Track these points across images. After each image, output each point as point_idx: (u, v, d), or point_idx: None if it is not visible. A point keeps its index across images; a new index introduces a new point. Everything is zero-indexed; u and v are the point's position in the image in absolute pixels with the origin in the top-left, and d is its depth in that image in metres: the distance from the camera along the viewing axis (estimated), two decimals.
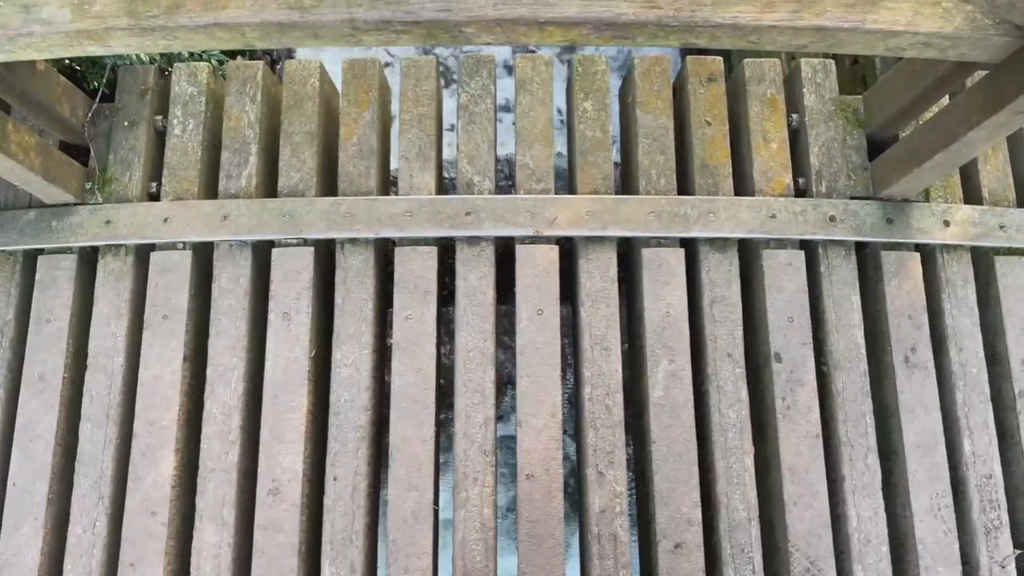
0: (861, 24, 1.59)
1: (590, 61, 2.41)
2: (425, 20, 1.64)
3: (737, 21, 1.60)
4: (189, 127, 2.32)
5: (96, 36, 1.64)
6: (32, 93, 2.07)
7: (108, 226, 2.21)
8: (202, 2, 1.63)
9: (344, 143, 2.34)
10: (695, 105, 2.36)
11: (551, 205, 2.25)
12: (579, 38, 1.71)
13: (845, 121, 2.31)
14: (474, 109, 2.38)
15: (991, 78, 1.73)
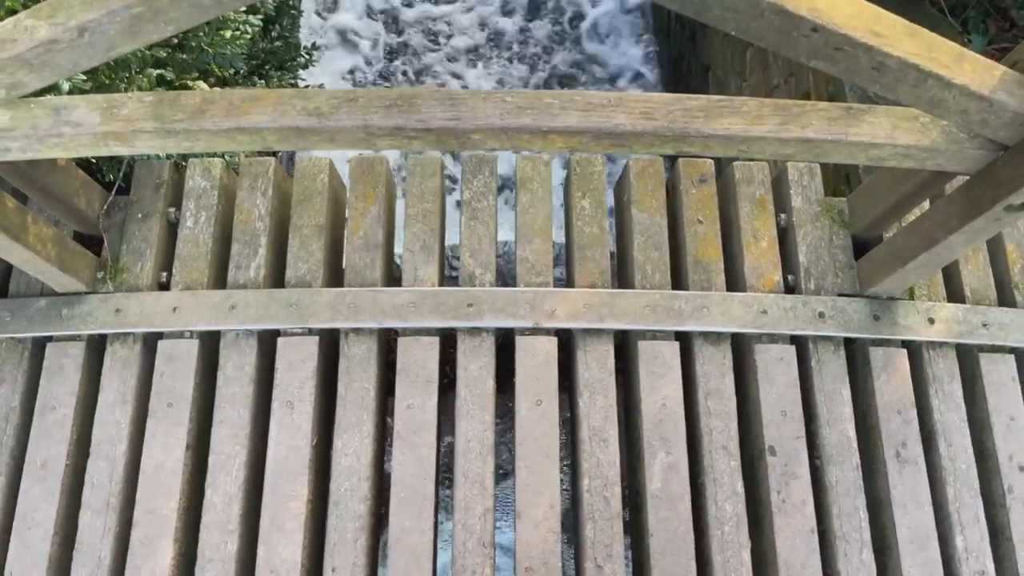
0: (844, 137, 1.70)
1: (587, 162, 2.53)
2: (436, 128, 1.74)
3: (728, 132, 1.71)
4: (201, 219, 2.40)
5: (123, 138, 1.73)
6: (52, 187, 2.15)
7: (118, 315, 2.26)
8: (225, 107, 1.73)
9: (351, 236, 2.43)
10: (687, 204, 2.46)
11: (550, 298, 2.32)
12: (579, 146, 1.81)
13: (831, 221, 2.42)
14: (476, 205, 2.48)
15: (968, 186, 1.83)
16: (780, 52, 1.43)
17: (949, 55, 1.48)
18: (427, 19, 5.84)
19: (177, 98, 1.74)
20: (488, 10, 5.92)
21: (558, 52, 5.76)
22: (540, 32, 5.82)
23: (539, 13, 5.91)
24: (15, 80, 1.50)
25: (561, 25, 5.88)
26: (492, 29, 5.85)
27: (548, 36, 5.80)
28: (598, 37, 5.88)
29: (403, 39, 5.76)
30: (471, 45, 5.77)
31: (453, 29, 5.81)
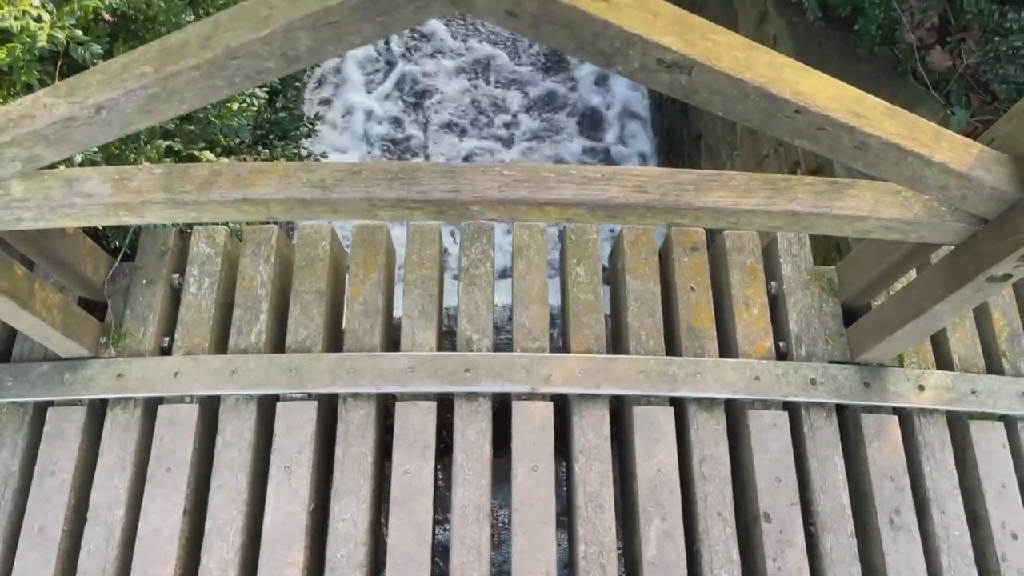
0: (829, 210, 1.76)
1: (582, 230, 2.59)
2: (436, 199, 1.80)
3: (718, 205, 1.77)
4: (204, 285, 2.45)
5: (132, 208, 1.79)
6: (60, 254, 2.20)
7: (119, 379, 2.29)
8: (232, 179, 1.79)
9: (351, 302, 2.47)
10: (680, 272, 2.52)
11: (546, 363, 2.36)
12: (575, 217, 1.87)
13: (820, 290, 2.47)
14: (474, 272, 2.53)
15: (952, 257, 1.89)
16: (766, 132, 1.50)
17: (928, 134, 1.55)
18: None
19: (186, 170, 1.80)
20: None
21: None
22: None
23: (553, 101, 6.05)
24: (32, 154, 1.56)
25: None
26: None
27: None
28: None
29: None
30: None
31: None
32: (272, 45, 1.31)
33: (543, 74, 6.12)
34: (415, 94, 5.94)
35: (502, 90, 6.01)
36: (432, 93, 5.94)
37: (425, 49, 6.10)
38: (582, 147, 5.83)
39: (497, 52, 6.13)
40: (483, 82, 6.04)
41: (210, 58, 1.34)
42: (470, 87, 5.97)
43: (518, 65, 6.10)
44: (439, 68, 6.04)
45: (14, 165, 1.58)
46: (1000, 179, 1.61)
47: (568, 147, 5.85)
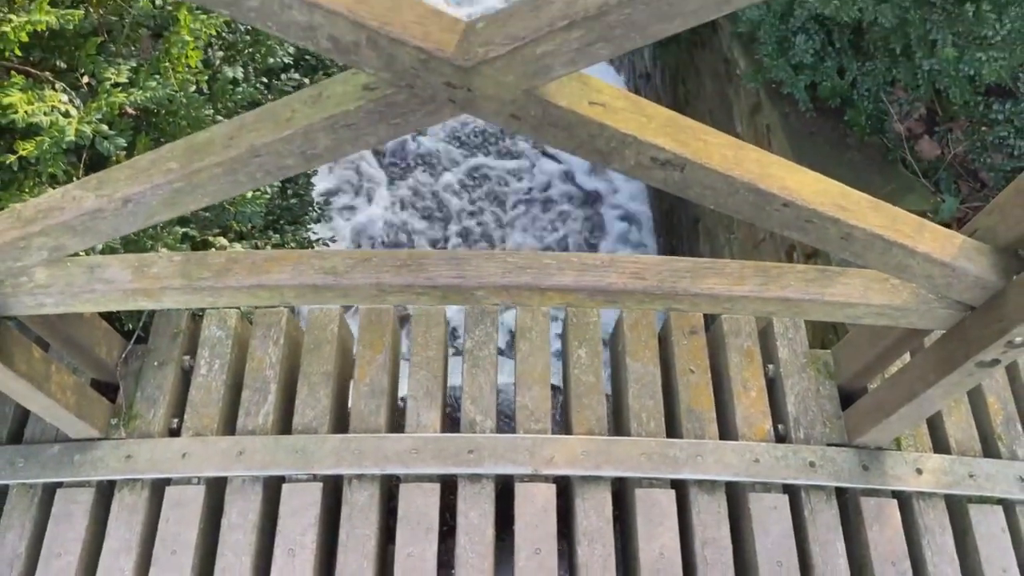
0: (820, 296, 1.83)
1: (583, 312, 2.66)
2: (442, 285, 1.88)
3: (713, 292, 1.84)
4: (215, 367, 2.51)
5: (151, 294, 1.86)
6: (76, 336, 2.27)
7: (128, 461, 2.32)
8: (248, 266, 1.87)
9: (357, 383, 2.52)
10: (679, 355, 2.58)
11: (548, 445, 2.39)
12: (575, 302, 1.94)
13: (817, 372, 2.52)
14: (478, 354, 2.59)
15: (942, 343, 1.95)
16: (756, 223, 1.59)
17: (911, 226, 1.63)
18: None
19: (204, 258, 1.89)
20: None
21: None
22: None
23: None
24: (59, 243, 1.64)
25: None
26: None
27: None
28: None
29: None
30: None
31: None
32: (292, 144, 1.41)
33: (543, 156, 6.31)
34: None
35: (500, 161, 6.20)
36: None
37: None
38: (584, 240, 5.97)
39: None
40: (482, 154, 6.24)
41: (233, 156, 1.43)
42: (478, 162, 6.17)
43: (520, 139, 6.29)
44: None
45: (41, 253, 1.66)
46: (983, 268, 1.69)
47: (571, 226, 5.99)
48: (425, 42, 1.20)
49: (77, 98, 2.23)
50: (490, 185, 6.13)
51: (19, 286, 1.83)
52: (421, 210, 5.94)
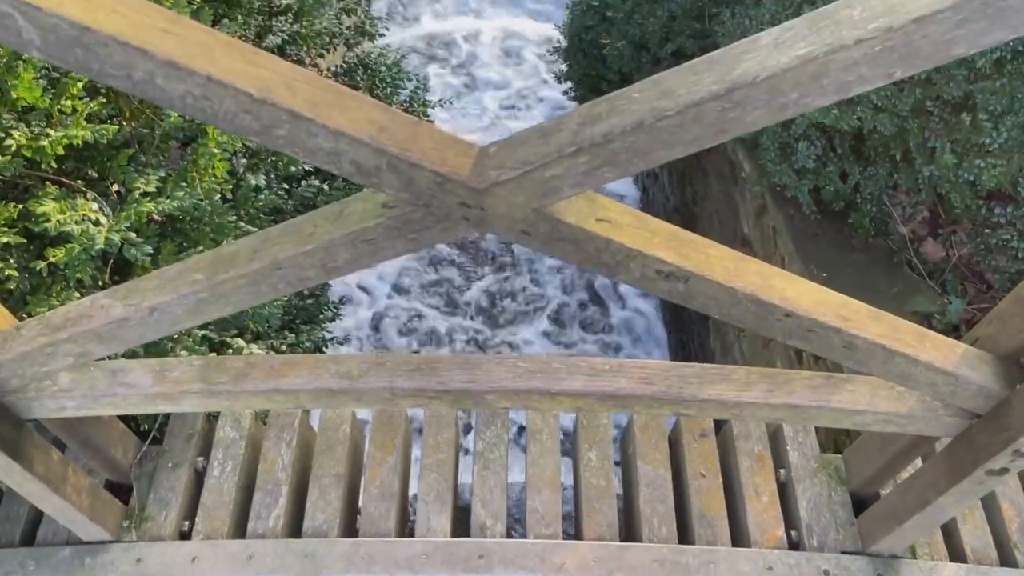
0: (827, 403, 1.85)
1: (593, 415, 2.68)
2: (454, 389, 1.91)
3: (720, 398, 1.87)
4: (227, 469, 2.52)
5: (171, 398, 1.91)
6: (93, 438, 2.30)
7: (139, 564, 2.32)
8: (266, 371, 1.92)
9: (368, 484, 2.53)
10: (690, 458, 2.58)
11: (559, 551, 2.37)
12: (585, 406, 1.97)
13: (828, 478, 2.52)
14: (489, 456, 2.60)
15: (951, 449, 1.96)
16: (760, 333, 1.63)
17: (912, 335, 1.67)
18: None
19: (223, 362, 1.94)
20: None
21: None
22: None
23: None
24: (85, 350, 1.70)
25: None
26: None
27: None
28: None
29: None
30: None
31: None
32: (314, 258, 1.48)
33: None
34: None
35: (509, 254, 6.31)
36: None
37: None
38: (594, 338, 6.02)
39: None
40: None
41: (257, 268, 1.50)
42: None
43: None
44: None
45: (67, 360, 1.72)
46: (986, 377, 1.71)
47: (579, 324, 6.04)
48: (442, 166, 1.28)
49: (107, 206, 2.34)
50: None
51: (42, 390, 1.88)
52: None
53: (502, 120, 7.25)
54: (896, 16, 1.02)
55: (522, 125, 7.03)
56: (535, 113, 7.21)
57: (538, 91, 7.45)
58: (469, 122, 7.13)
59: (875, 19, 1.03)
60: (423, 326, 5.92)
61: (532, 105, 7.26)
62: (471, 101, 7.35)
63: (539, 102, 7.38)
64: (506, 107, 7.28)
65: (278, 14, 3.39)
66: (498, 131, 7.18)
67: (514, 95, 7.45)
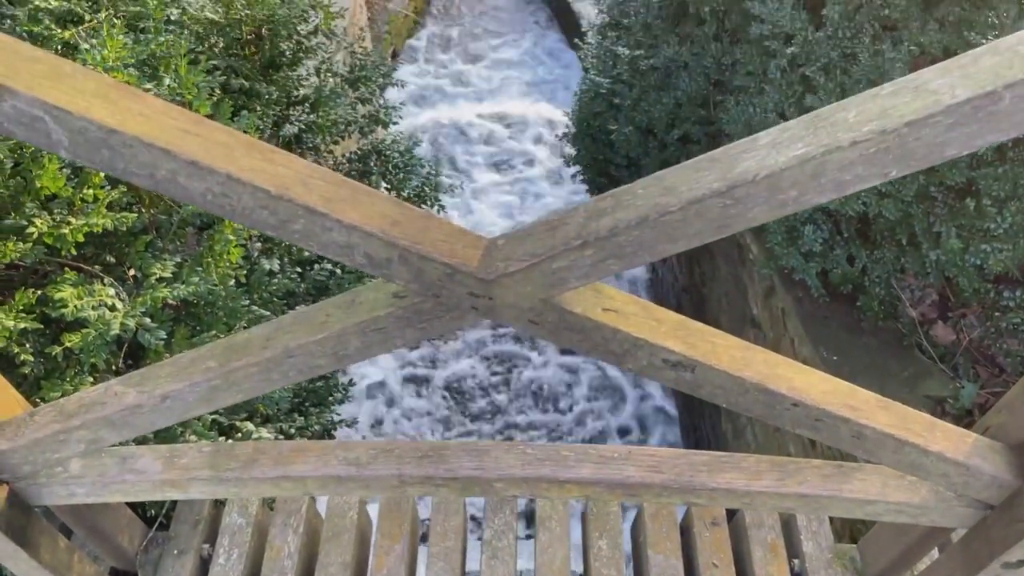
0: (839, 493, 1.84)
1: (603, 503, 2.65)
2: (462, 476, 1.91)
3: (730, 486, 1.85)
4: (233, 556, 2.49)
5: (179, 485, 1.91)
6: (100, 524, 2.29)
7: None
8: (275, 457, 1.92)
9: (374, 572, 2.49)
10: (702, 547, 2.53)
11: None
12: (594, 494, 1.96)
13: (843, 568, 2.46)
14: (497, 544, 2.56)
15: (966, 541, 1.92)
16: (768, 422, 1.63)
17: (922, 424, 1.67)
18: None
19: (232, 448, 1.94)
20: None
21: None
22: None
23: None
24: (97, 437, 1.71)
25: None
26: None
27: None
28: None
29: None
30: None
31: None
32: (326, 346, 1.50)
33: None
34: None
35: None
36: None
37: None
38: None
39: None
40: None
41: (269, 356, 1.52)
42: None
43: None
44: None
45: (79, 446, 1.73)
46: (998, 467, 1.70)
47: (592, 411, 6.01)
48: (451, 258, 1.31)
49: (123, 291, 2.38)
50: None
51: (53, 476, 1.88)
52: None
53: (506, 196, 7.38)
54: (889, 119, 1.06)
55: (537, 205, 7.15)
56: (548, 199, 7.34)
57: (548, 172, 7.60)
58: (486, 204, 7.26)
59: (869, 122, 1.07)
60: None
61: (543, 193, 7.39)
62: (488, 183, 7.50)
63: (556, 184, 7.50)
64: (519, 192, 7.42)
65: (295, 104, 3.50)
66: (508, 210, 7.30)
67: (523, 177, 7.60)
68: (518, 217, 7.11)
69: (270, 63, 3.29)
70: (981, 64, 1.02)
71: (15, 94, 1.07)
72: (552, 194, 7.41)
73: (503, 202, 7.32)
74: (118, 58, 2.28)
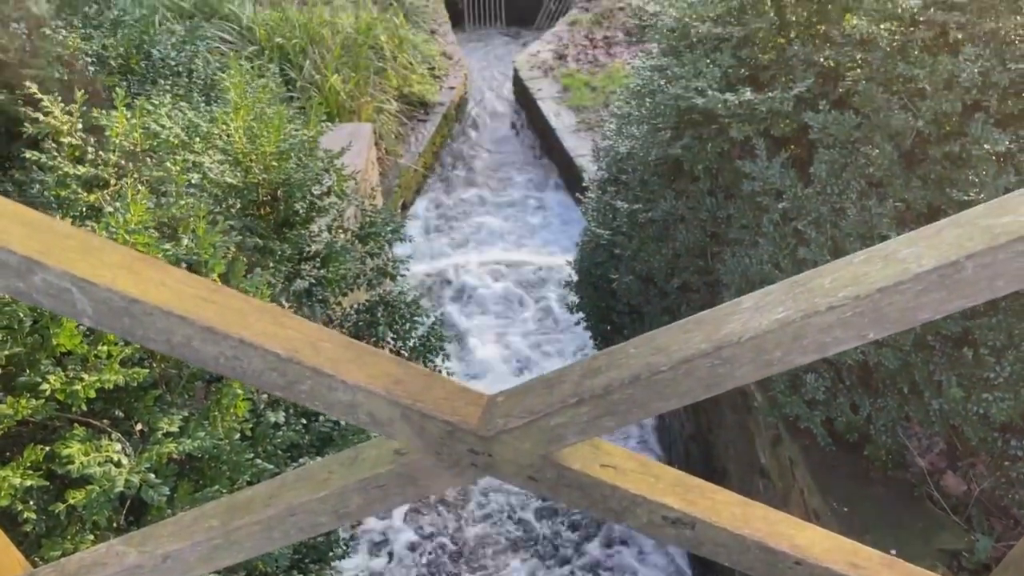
0: None
1: None
2: None
3: None
4: None
5: None
6: None
7: None
8: None
9: None
10: None
11: None
12: None
13: None
14: None
15: None
16: None
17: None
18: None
19: None
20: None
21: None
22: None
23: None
24: None
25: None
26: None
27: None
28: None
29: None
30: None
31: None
32: (327, 504, 1.52)
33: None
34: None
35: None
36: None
37: None
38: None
39: None
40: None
41: (272, 514, 1.54)
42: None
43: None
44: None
45: None
46: None
47: None
48: (452, 416, 1.36)
49: (129, 446, 2.40)
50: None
51: None
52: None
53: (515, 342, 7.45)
54: (862, 286, 1.13)
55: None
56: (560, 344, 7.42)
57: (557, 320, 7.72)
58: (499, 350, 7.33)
59: (844, 287, 1.14)
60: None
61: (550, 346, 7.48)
62: (490, 327, 7.61)
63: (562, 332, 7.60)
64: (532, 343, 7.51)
65: (307, 259, 3.64)
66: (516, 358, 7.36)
67: (533, 325, 7.71)
68: (522, 359, 7.17)
69: (284, 222, 3.45)
70: (944, 236, 1.10)
71: (47, 268, 1.15)
72: (555, 340, 7.49)
73: (507, 346, 7.40)
74: (140, 222, 2.41)
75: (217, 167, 3.10)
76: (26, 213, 1.22)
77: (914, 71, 3.30)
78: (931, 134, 3.37)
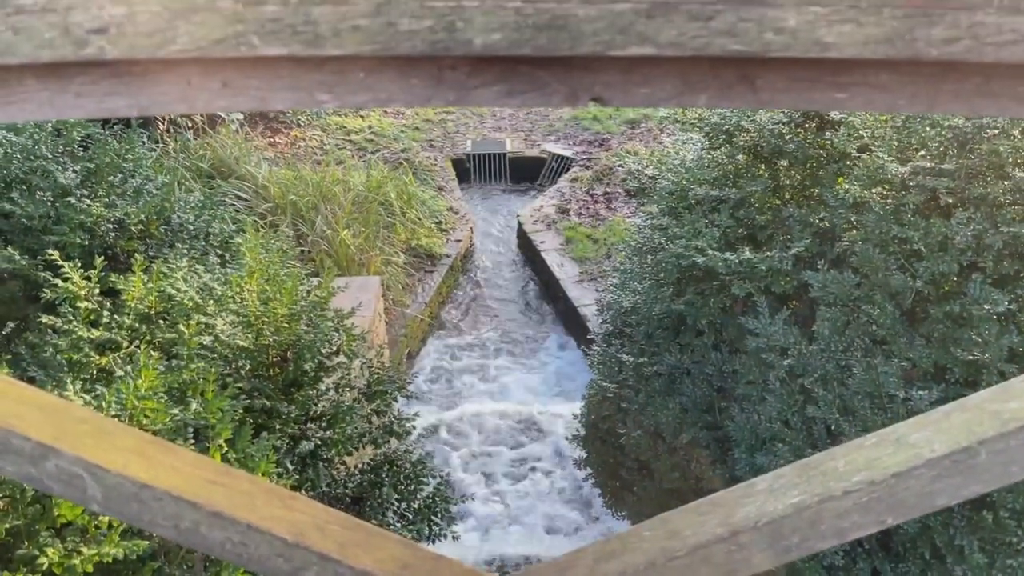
0: None
1: None
2: None
3: None
4: None
5: None
6: None
7: None
8: None
9: None
10: None
11: None
12: None
13: None
14: None
15: None
16: None
17: None
18: None
19: None
20: None
21: None
22: None
23: None
24: None
25: None
26: None
27: None
28: None
29: None
30: None
31: None
32: None
33: None
34: None
35: None
36: None
37: None
38: None
39: None
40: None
41: None
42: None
43: None
44: None
45: None
46: None
47: None
48: None
49: None
50: None
51: None
52: None
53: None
54: (876, 470, 1.12)
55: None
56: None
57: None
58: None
59: (858, 471, 1.14)
60: None
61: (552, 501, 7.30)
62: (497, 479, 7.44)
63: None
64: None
65: (313, 420, 3.62)
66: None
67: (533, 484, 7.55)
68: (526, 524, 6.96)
69: (292, 382, 3.46)
70: (952, 420, 1.11)
71: (60, 454, 1.15)
72: (559, 500, 7.31)
73: (513, 505, 7.21)
74: (150, 387, 2.42)
75: (229, 329, 3.15)
76: (42, 398, 1.23)
77: (908, 233, 3.39)
78: (930, 294, 3.43)
